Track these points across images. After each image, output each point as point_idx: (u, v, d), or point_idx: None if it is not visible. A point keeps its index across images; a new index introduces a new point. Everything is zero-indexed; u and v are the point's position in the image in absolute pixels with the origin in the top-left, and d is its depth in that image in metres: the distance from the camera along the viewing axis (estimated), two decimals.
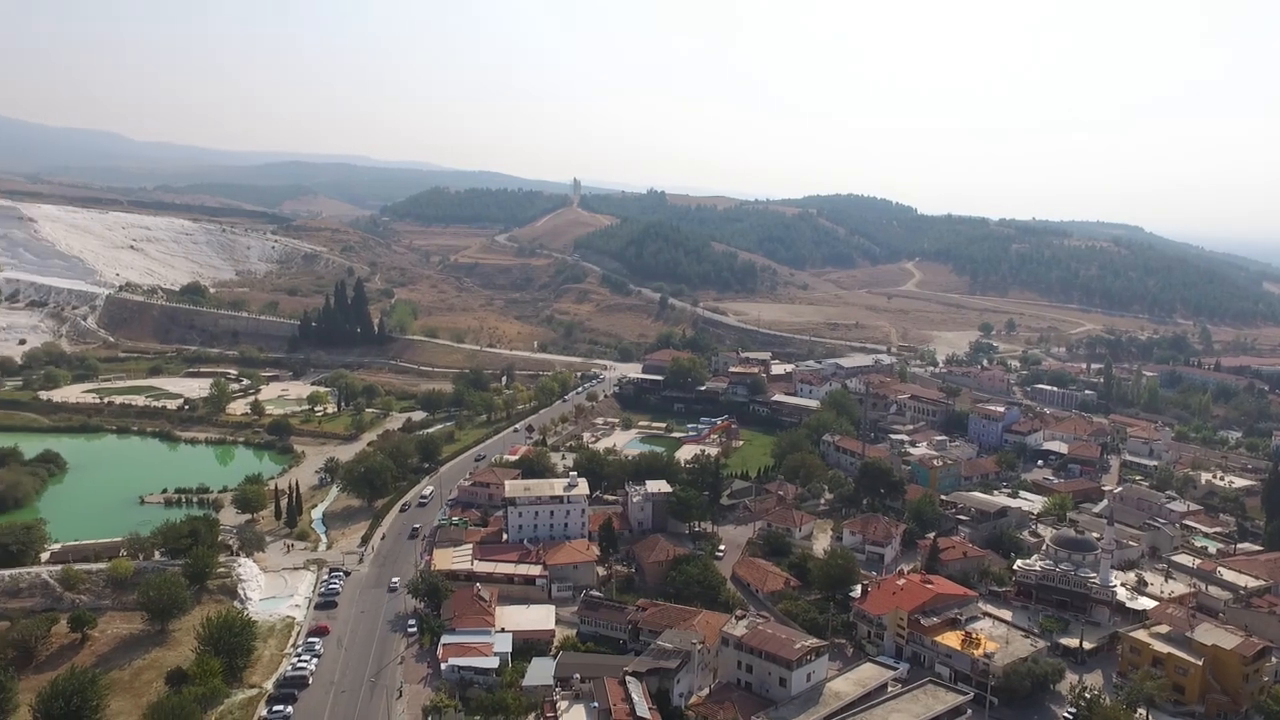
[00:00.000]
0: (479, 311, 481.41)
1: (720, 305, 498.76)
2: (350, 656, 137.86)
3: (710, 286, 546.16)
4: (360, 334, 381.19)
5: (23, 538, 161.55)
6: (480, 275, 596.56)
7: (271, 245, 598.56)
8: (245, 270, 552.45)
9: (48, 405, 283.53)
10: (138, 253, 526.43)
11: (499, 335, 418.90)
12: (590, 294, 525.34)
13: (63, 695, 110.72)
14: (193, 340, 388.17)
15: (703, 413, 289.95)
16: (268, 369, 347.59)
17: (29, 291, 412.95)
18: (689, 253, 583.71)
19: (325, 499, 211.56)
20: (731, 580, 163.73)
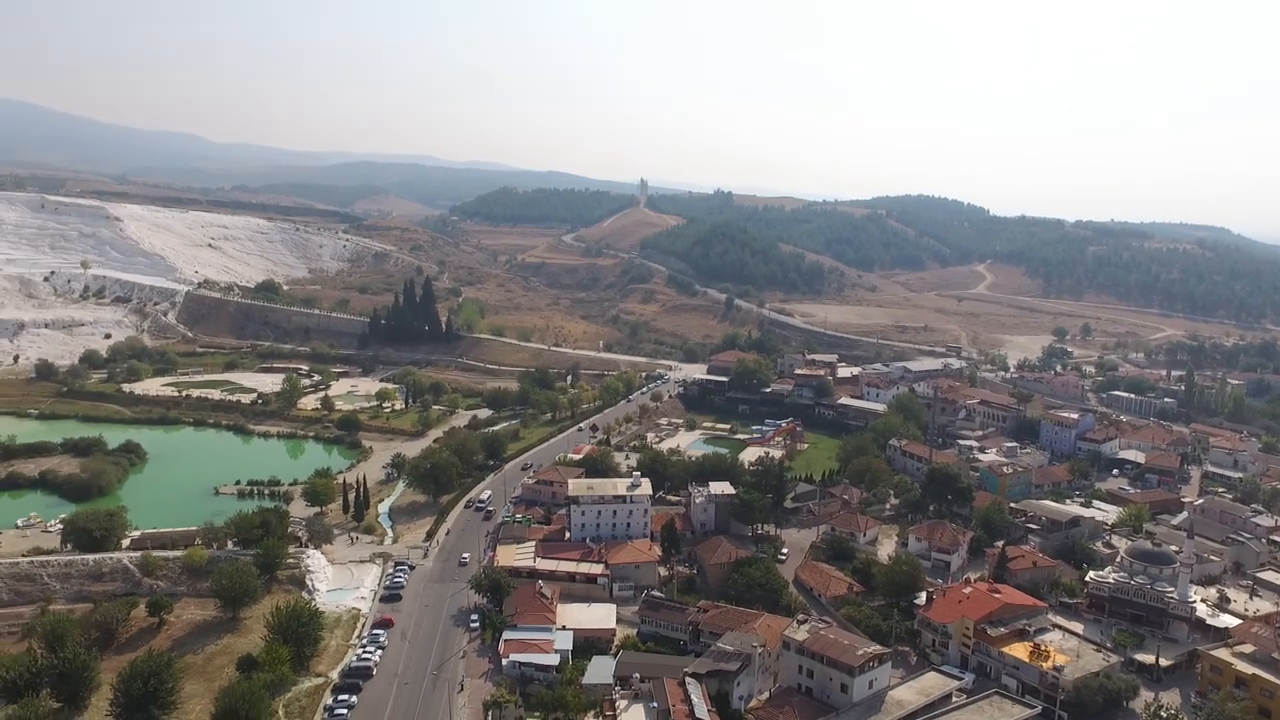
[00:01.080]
0: (545, 311, 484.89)
1: (787, 307, 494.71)
2: (413, 649, 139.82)
3: (777, 288, 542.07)
4: (428, 332, 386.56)
5: (106, 524, 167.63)
6: (547, 275, 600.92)
7: (343, 244, 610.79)
8: (317, 268, 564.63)
9: (130, 398, 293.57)
10: (216, 251, 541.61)
11: (565, 334, 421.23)
12: (656, 294, 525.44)
13: (141, 677, 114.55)
14: (266, 336, 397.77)
15: (767, 415, 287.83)
16: (338, 365, 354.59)
17: (114, 288, 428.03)
18: (756, 253, 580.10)
19: (392, 494, 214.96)
20: (794, 584, 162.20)
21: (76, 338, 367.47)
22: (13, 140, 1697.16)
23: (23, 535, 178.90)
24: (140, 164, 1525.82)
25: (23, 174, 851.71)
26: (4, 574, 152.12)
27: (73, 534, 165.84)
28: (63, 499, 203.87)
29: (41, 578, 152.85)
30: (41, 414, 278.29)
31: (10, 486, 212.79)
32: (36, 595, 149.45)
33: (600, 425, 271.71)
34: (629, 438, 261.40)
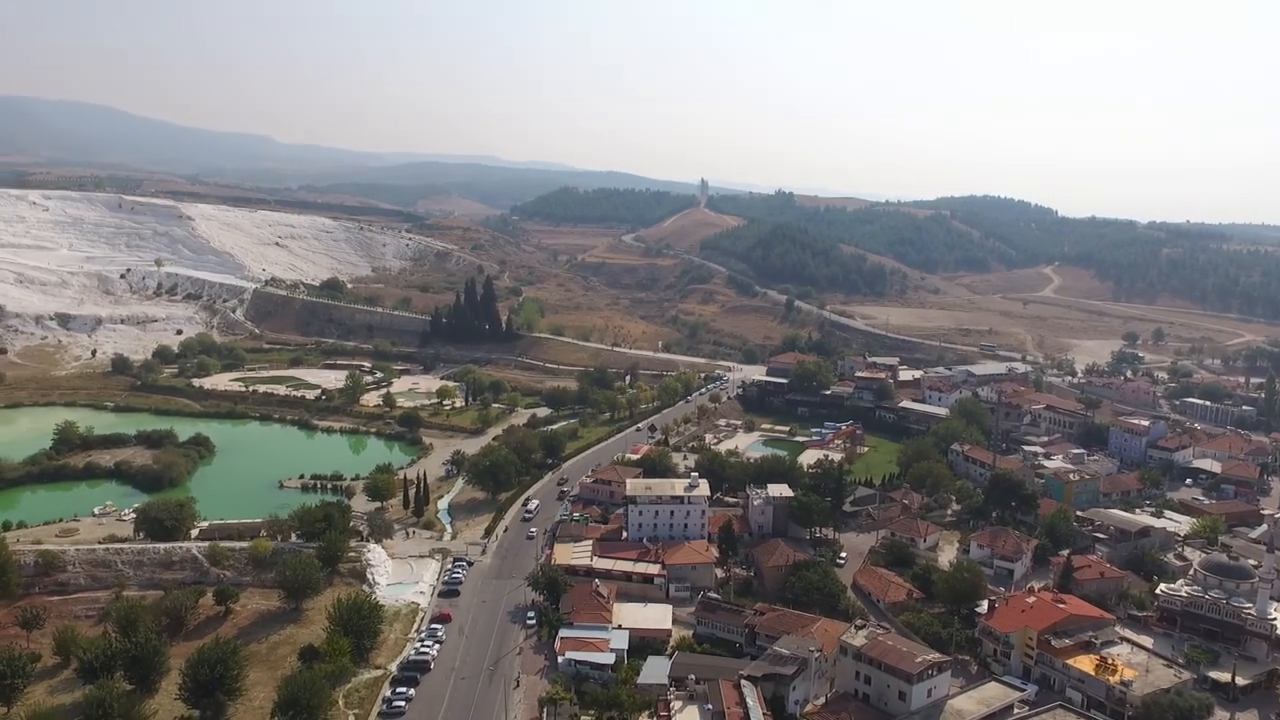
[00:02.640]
0: (605, 310, 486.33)
1: (847, 308, 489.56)
2: (471, 644, 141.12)
3: (837, 289, 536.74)
4: (489, 330, 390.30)
5: (176, 514, 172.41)
6: (607, 274, 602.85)
7: (406, 243, 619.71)
8: (381, 267, 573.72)
9: (199, 392, 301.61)
10: (282, 249, 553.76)
11: (624, 334, 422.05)
12: (716, 295, 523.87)
13: (208, 663, 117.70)
14: (330, 333, 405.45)
15: (827, 417, 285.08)
16: (400, 363, 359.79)
17: (186, 285, 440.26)
18: (816, 254, 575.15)
19: (451, 490, 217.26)
20: (852, 589, 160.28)
21: (150, 333, 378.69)
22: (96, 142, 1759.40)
23: (99, 523, 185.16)
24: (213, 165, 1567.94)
25: (103, 175, 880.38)
26: (82, 559, 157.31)
27: (145, 523, 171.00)
28: (136, 489, 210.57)
29: (116, 564, 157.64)
30: (117, 407, 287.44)
31: (88, 476, 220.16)
32: (111, 581, 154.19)
33: (658, 425, 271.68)
34: (687, 438, 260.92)
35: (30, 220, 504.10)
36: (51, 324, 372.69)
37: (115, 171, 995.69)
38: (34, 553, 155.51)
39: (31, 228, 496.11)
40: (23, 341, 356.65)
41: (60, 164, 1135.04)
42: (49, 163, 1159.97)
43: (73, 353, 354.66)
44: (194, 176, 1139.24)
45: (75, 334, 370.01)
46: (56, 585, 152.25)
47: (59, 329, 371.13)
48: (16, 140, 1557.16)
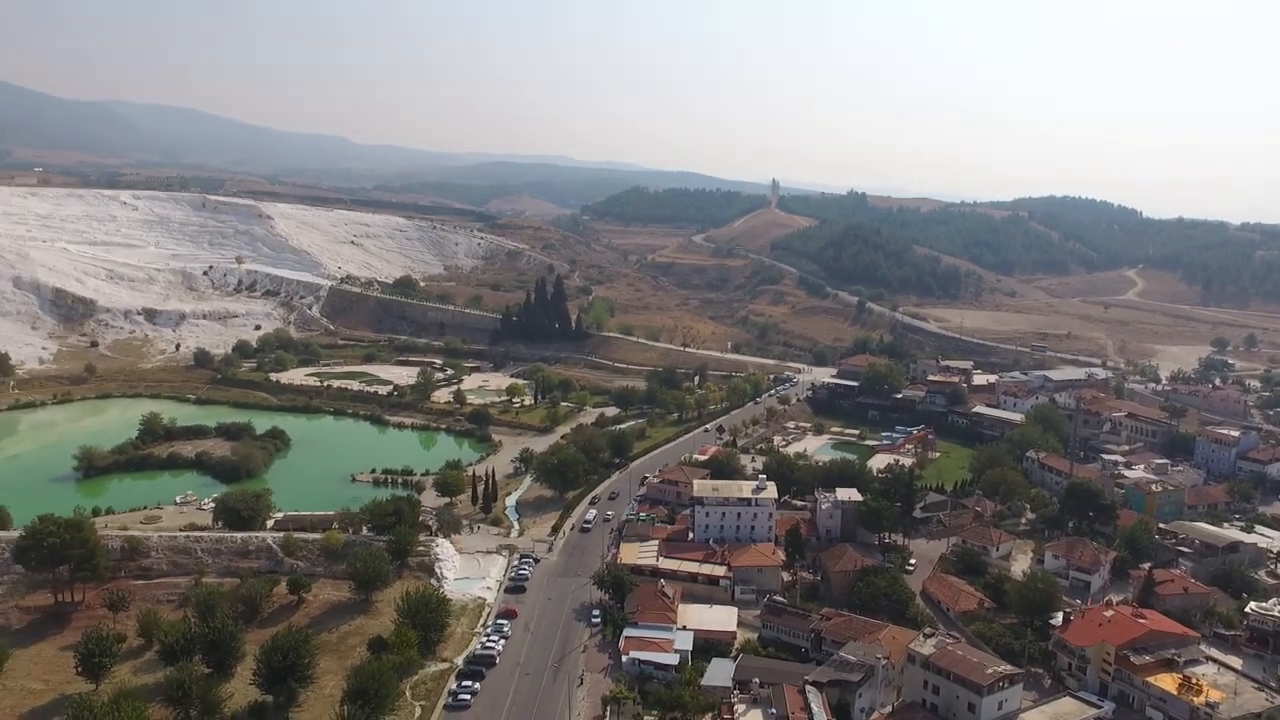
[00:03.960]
0: (674, 311, 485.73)
1: (920, 311, 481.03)
2: (536, 641, 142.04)
3: (910, 291, 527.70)
4: (558, 329, 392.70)
5: (253, 505, 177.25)
6: (676, 275, 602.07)
7: (478, 242, 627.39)
8: (453, 265, 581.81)
9: (276, 386, 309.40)
10: (357, 248, 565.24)
11: (693, 335, 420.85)
12: (786, 296, 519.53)
13: (281, 650, 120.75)
14: (403, 330, 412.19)
15: (898, 421, 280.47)
16: (470, 360, 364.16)
17: (265, 282, 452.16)
18: (889, 256, 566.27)
19: (519, 487, 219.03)
20: (921, 596, 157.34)
21: (230, 328, 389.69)
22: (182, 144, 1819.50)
23: (181, 511, 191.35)
24: (291, 165, 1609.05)
25: (187, 175, 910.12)
26: (165, 546, 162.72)
27: (223, 513, 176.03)
28: (215, 479, 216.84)
29: (196, 552, 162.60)
30: (198, 399, 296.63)
31: (171, 466, 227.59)
32: (191, 568, 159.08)
33: (726, 427, 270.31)
34: (755, 440, 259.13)
35: (121, 219, 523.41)
36: (139, 318, 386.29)
37: (199, 172, 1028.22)
38: (121, 538, 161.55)
39: (122, 226, 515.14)
40: (112, 335, 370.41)
41: (149, 165, 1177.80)
42: (139, 164, 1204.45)
43: (158, 346, 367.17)
44: (273, 176, 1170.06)
45: (161, 328, 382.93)
46: (141, 570, 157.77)
47: (146, 323, 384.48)
48: (110, 143, 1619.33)
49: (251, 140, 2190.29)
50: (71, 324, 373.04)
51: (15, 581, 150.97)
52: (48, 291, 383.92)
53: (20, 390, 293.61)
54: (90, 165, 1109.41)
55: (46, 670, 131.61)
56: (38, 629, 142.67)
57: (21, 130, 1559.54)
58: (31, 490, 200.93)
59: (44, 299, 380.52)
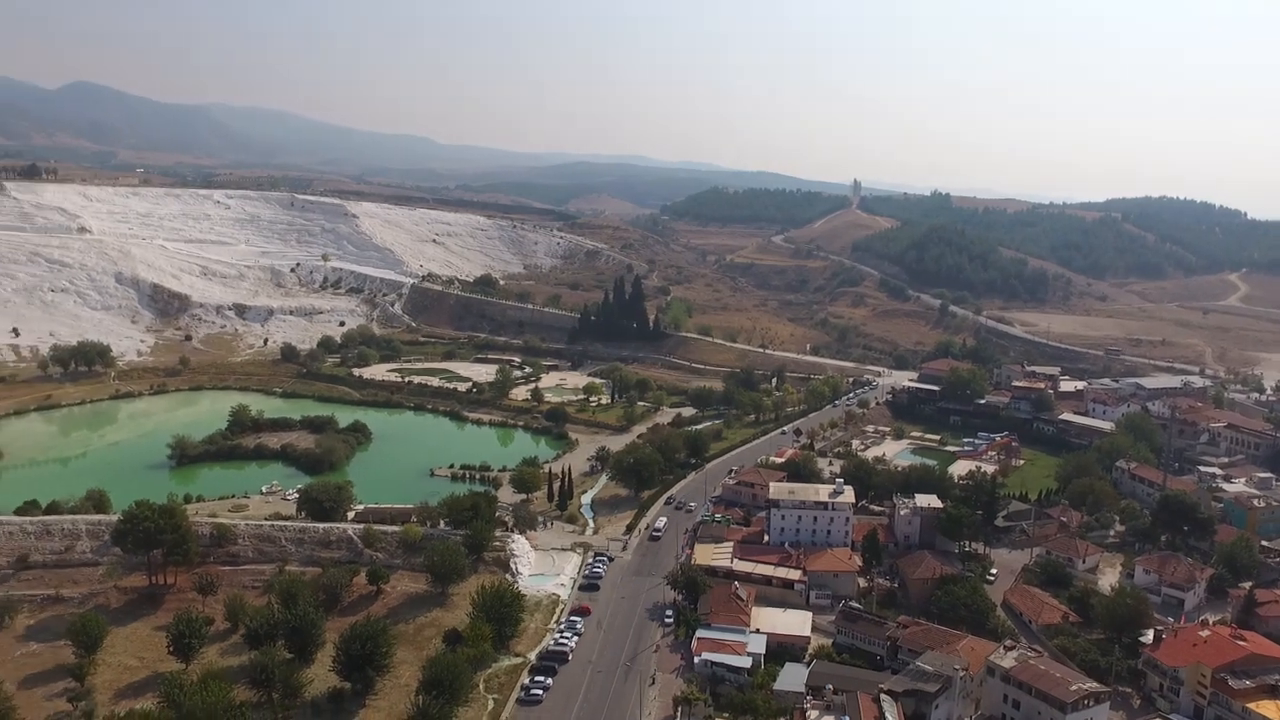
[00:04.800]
0: (752, 311, 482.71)
1: (1005, 315, 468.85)
2: (608, 639, 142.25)
3: (995, 294, 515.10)
4: (636, 329, 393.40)
5: (335, 497, 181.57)
6: (755, 275, 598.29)
7: (557, 241, 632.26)
8: (532, 264, 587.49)
9: (359, 381, 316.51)
10: (439, 246, 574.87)
11: (771, 336, 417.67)
12: (866, 298, 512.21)
13: (360, 639, 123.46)
14: (482, 328, 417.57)
15: (981, 427, 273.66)
16: (548, 358, 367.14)
17: (349, 279, 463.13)
18: (973, 258, 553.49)
19: (594, 486, 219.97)
20: (1002, 607, 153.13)
21: (315, 324, 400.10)
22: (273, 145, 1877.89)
23: (266, 501, 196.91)
24: (377, 165, 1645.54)
25: (277, 175, 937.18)
26: (251, 534, 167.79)
27: (307, 503, 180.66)
28: (299, 470, 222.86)
29: (280, 540, 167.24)
30: (284, 392, 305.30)
31: (258, 456, 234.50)
32: (276, 555, 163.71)
33: (804, 429, 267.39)
34: (833, 443, 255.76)
35: (214, 218, 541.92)
36: (230, 314, 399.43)
37: (289, 172, 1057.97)
38: (210, 525, 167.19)
39: (215, 225, 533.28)
40: (205, 329, 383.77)
41: (242, 166, 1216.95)
42: (232, 165, 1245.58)
43: (247, 341, 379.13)
44: (359, 176, 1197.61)
45: (250, 323, 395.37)
46: (228, 556, 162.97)
47: (236, 318, 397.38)
48: (205, 144, 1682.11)
49: (339, 141, 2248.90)
50: (167, 318, 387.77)
51: (114, 563, 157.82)
52: (146, 287, 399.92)
53: (120, 381, 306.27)
54: (187, 166, 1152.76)
55: (141, 648, 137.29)
56: (134, 609, 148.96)
57: (126, 133, 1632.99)
58: (129, 476, 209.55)
59: (143, 294, 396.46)
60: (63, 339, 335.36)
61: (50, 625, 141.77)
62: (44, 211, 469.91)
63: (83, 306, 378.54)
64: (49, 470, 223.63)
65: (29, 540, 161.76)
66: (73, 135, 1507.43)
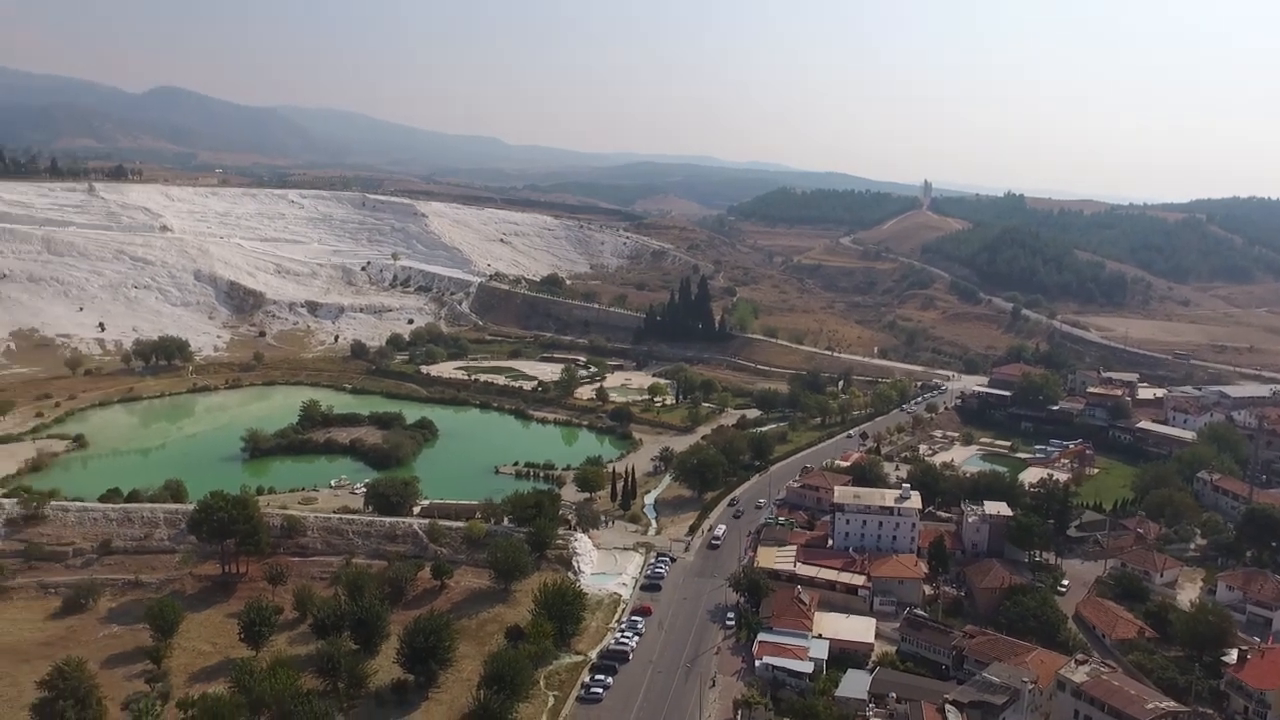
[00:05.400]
0: (819, 313, 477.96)
1: (1081, 319, 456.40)
2: (669, 639, 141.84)
3: (1070, 298, 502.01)
4: (701, 330, 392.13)
5: (401, 492, 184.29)
6: (822, 277, 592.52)
7: (623, 241, 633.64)
8: (598, 264, 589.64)
9: (426, 378, 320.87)
10: (506, 245, 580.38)
11: (838, 338, 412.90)
12: (936, 300, 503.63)
13: (423, 632, 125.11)
14: (548, 327, 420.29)
15: (1053, 434, 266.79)
16: (613, 358, 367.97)
17: (418, 278, 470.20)
18: (1048, 261, 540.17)
19: (658, 486, 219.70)
20: (1073, 620, 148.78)
21: (385, 322, 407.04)
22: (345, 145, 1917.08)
23: (335, 494, 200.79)
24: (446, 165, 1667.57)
25: (349, 175, 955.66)
26: (320, 526, 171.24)
27: (374, 498, 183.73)
28: (367, 465, 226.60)
29: (347, 533, 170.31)
30: (354, 389, 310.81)
31: (327, 451, 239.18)
32: (343, 548, 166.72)
33: (870, 433, 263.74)
34: (900, 448, 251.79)
35: (289, 217, 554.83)
36: (302, 311, 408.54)
37: (361, 172, 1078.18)
38: (281, 516, 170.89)
39: (289, 224, 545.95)
40: (278, 326, 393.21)
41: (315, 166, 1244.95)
42: (306, 165, 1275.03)
43: (318, 337, 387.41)
44: (428, 176, 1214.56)
45: (321, 320, 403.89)
46: (298, 547, 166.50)
47: (308, 315, 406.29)
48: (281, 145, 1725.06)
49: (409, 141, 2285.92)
50: (242, 315, 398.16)
51: (190, 551, 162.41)
52: (223, 284, 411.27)
53: (197, 375, 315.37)
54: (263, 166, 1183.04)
55: (214, 634, 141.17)
56: (208, 596, 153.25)
57: (206, 135, 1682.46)
58: (205, 467, 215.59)
59: (220, 291, 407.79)
60: (145, 334, 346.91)
61: (130, 609, 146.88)
62: (129, 211, 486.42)
63: (164, 303, 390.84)
64: (130, 460, 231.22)
65: (111, 526, 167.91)
66: (156, 138, 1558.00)
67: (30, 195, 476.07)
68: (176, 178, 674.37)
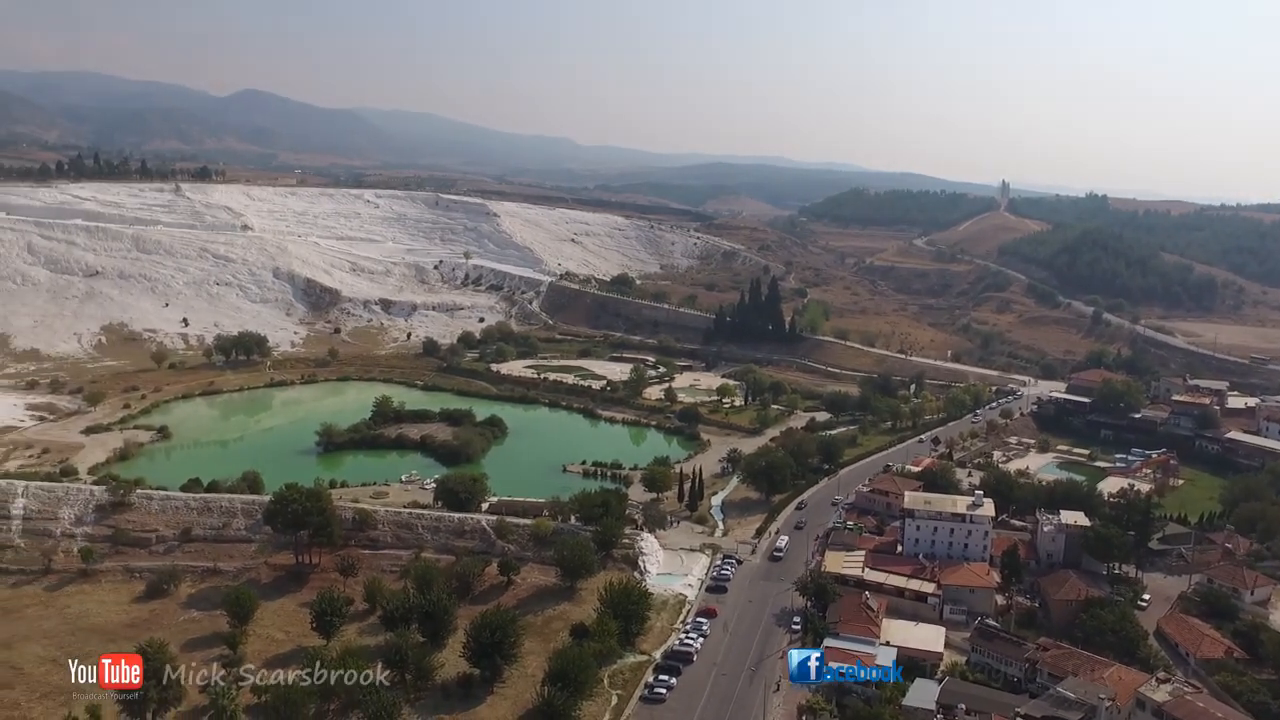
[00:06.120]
0: (891, 316, 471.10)
1: (1166, 324, 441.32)
2: (734, 642, 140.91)
3: (1155, 302, 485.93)
4: (771, 331, 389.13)
5: (470, 488, 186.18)
6: (895, 279, 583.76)
7: (693, 242, 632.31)
8: (668, 264, 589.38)
9: (496, 376, 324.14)
10: (577, 245, 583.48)
11: (910, 341, 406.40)
12: (1012, 304, 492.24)
13: (490, 627, 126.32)
14: (617, 327, 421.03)
15: (1135, 443, 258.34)
16: (682, 359, 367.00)
17: (489, 277, 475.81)
18: (1131, 263, 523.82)
19: (725, 488, 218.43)
20: (1154, 636, 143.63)
21: (456, 320, 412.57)
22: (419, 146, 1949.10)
23: (405, 489, 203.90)
24: (518, 165, 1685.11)
25: (423, 175, 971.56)
26: (391, 520, 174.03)
27: (443, 493, 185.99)
28: (437, 461, 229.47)
29: (417, 528, 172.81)
30: (425, 385, 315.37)
31: (398, 446, 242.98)
32: (412, 542, 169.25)
33: (942, 438, 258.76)
34: (973, 454, 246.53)
35: (364, 216, 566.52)
36: (376, 308, 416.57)
37: (434, 172, 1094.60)
38: (353, 509, 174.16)
39: (365, 223, 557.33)
40: (353, 323, 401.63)
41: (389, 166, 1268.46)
42: (381, 165, 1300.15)
43: (391, 335, 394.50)
44: (500, 176, 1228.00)
45: (394, 318, 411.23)
46: (369, 540, 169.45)
47: (381, 313, 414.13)
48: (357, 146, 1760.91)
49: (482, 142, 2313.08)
50: (318, 312, 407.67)
51: (265, 541, 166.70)
52: (300, 282, 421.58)
53: (274, 370, 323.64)
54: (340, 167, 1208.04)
55: (287, 623, 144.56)
56: (281, 585, 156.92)
57: (285, 136, 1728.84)
58: (280, 460, 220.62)
59: (297, 288, 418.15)
60: (225, 329, 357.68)
61: (208, 595, 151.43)
62: (212, 210, 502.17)
63: (243, 299, 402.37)
64: (210, 451, 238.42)
65: (192, 515, 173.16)
66: (239, 139, 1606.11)
67: (121, 196, 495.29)
68: (257, 178, 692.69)
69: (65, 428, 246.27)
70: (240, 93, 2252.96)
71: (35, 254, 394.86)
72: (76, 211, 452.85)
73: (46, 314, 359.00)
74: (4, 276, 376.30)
